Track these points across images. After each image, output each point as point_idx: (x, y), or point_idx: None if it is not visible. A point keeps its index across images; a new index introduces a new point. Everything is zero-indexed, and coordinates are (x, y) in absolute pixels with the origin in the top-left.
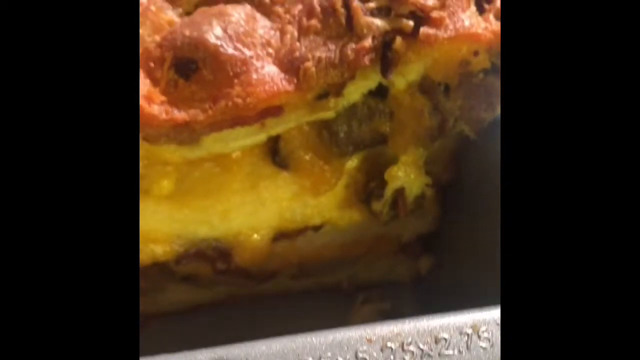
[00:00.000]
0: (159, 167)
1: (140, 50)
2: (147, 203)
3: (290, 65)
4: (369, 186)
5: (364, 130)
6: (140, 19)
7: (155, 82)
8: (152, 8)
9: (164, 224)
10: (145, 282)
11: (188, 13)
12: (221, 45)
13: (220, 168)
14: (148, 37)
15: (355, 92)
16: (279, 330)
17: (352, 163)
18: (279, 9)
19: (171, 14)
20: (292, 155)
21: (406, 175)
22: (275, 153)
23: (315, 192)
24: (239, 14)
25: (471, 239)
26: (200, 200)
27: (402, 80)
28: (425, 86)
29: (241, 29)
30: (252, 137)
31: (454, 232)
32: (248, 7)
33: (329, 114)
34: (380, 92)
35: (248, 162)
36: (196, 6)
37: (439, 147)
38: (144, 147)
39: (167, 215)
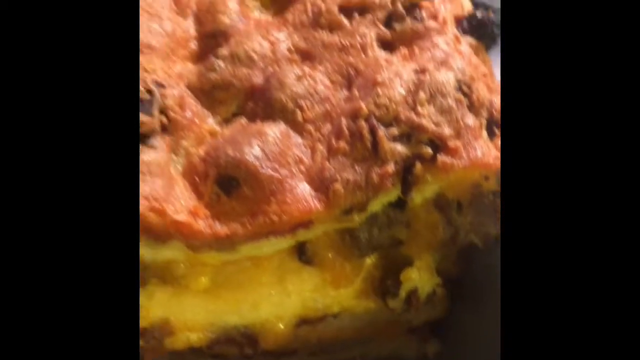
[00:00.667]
0: (198, 267)
1: (186, 164)
2: (186, 297)
3: (320, 184)
4: (385, 283)
5: (383, 236)
6: (185, 132)
7: (199, 195)
8: (196, 120)
9: (199, 315)
10: None
11: (226, 120)
12: (260, 166)
13: (252, 263)
14: (192, 148)
15: (376, 205)
16: None
17: (370, 261)
18: (310, 127)
19: (211, 122)
20: (317, 253)
21: (420, 278)
22: (301, 252)
23: (336, 285)
24: (274, 133)
25: (476, 327)
26: (232, 293)
27: (419, 196)
28: (440, 203)
29: (277, 149)
30: (284, 244)
31: (460, 319)
32: (283, 125)
33: (353, 224)
34: (399, 204)
35: (277, 259)
36: (234, 115)
37: (450, 251)
38: (187, 254)
39: (203, 307)
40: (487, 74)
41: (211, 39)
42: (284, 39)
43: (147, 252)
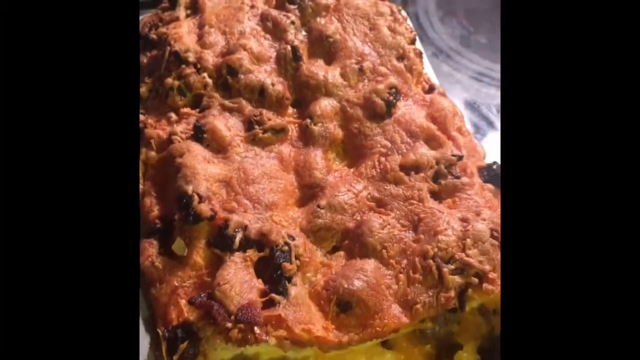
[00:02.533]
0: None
1: (311, 290)
2: None
3: (405, 305)
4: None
5: (441, 331)
6: (308, 267)
7: (325, 314)
8: (312, 256)
9: None
10: None
11: (329, 252)
12: (366, 294)
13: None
14: (312, 277)
15: None
16: None
17: (431, 346)
18: (393, 262)
19: (319, 255)
20: (395, 342)
21: (467, 357)
22: (385, 341)
23: None
24: (371, 268)
25: None
26: None
27: (468, 306)
28: (482, 310)
29: (374, 281)
30: None
31: None
32: (374, 262)
33: (425, 327)
34: (453, 310)
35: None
36: (334, 248)
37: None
38: (317, 353)
39: None
40: None
41: (309, 188)
42: (362, 189)
43: (291, 354)
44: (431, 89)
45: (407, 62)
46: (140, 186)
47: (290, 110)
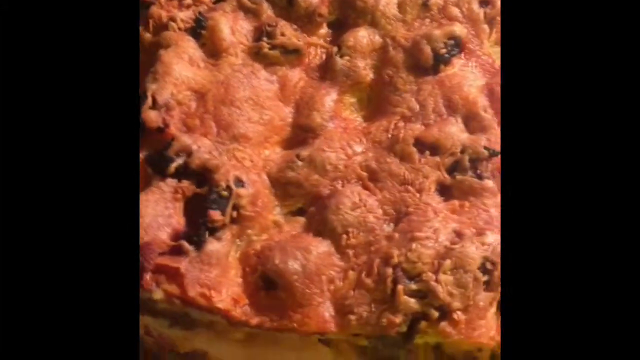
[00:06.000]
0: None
1: (244, 251)
2: (222, 343)
3: (340, 310)
4: None
5: (385, 352)
6: (251, 223)
7: (247, 283)
8: (264, 212)
9: (233, 358)
10: None
11: (291, 213)
12: (297, 280)
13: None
14: (255, 236)
15: None
16: None
17: None
18: (350, 252)
19: (277, 212)
20: (337, 342)
21: None
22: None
23: None
24: (317, 251)
25: None
26: (260, 348)
27: (421, 339)
28: (437, 350)
29: (315, 268)
30: None
31: None
32: (328, 244)
33: (361, 343)
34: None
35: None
36: (298, 210)
37: None
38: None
39: (235, 352)
40: None
41: (302, 131)
42: (359, 152)
43: (195, 314)
44: None
45: (490, 9)
46: None
47: (325, 31)
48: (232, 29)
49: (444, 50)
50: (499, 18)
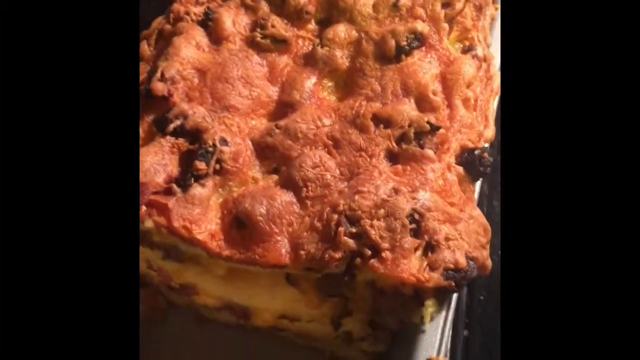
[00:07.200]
0: (216, 262)
1: (225, 198)
2: (207, 276)
3: (295, 247)
4: (335, 319)
5: (336, 289)
6: (232, 176)
7: (224, 223)
8: (244, 169)
9: (215, 289)
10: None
11: (268, 171)
12: (261, 221)
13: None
14: (235, 187)
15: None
16: None
17: (332, 302)
18: (309, 203)
19: (256, 170)
20: (299, 282)
21: (354, 326)
22: (288, 277)
23: (308, 306)
24: (282, 200)
25: None
26: (238, 283)
27: (360, 276)
28: (372, 286)
29: (278, 212)
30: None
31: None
32: (291, 195)
33: (313, 277)
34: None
35: (272, 273)
36: (274, 169)
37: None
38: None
39: (218, 285)
40: (455, 204)
41: (284, 106)
42: (327, 124)
43: (182, 245)
44: (468, 50)
45: (450, 10)
46: (148, 52)
47: (313, 26)
48: (234, 21)
49: (404, 43)
50: (461, 20)
